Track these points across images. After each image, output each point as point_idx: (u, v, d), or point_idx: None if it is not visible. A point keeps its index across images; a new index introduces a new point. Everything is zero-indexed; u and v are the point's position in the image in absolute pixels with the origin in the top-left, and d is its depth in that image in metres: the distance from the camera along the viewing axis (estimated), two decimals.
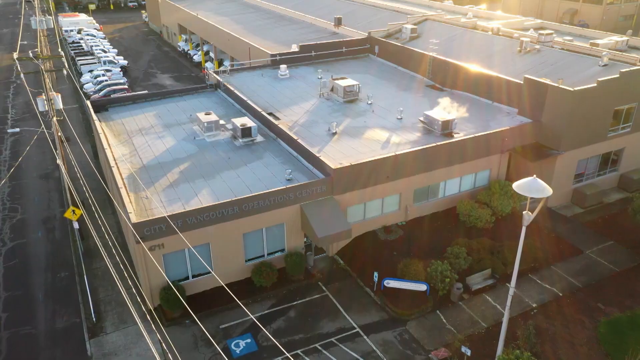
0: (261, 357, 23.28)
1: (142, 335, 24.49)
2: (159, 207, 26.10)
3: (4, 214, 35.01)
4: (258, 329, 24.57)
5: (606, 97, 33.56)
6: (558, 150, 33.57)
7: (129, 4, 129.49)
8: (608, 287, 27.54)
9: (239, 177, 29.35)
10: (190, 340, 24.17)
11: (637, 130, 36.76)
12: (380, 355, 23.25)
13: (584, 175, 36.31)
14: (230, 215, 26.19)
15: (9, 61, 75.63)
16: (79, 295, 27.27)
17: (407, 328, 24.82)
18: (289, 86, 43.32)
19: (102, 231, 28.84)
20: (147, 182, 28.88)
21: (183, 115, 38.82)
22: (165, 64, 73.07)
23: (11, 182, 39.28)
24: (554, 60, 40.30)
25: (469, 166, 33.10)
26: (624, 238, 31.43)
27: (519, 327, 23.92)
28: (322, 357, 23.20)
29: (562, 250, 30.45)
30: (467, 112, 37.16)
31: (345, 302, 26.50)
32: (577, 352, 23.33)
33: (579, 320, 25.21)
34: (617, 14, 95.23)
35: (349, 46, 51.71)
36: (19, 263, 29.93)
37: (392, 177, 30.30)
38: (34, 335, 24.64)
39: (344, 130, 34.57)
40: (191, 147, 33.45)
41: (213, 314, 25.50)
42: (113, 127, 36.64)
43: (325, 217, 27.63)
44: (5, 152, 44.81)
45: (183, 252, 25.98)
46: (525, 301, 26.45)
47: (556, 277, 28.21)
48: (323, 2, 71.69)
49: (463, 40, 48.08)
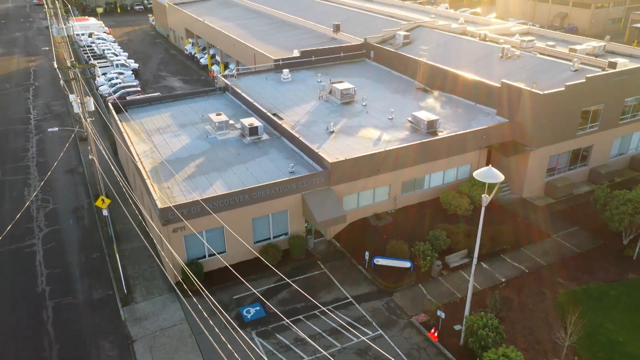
0: (268, 322, 27.47)
1: (167, 304, 28.75)
2: (179, 196, 30.30)
3: (37, 204, 39.24)
4: (266, 298, 28.78)
5: (574, 100, 37.69)
6: (531, 147, 37.72)
7: (135, 7, 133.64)
8: (569, 265, 31.69)
9: (248, 170, 33.55)
10: (209, 308, 28.34)
11: (604, 129, 40.89)
12: (370, 320, 27.44)
13: (556, 169, 40.45)
14: (241, 203, 30.38)
15: (25, 64, 79.79)
16: (110, 272, 31.48)
17: (392, 298, 29.02)
18: (291, 89, 47.48)
19: (126, 219, 33.01)
20: (167, 174, 33.08)
21: (195, 115, 43.01)
22: (174, 67, 77.25)
23: (41, 176, 43.51)
24: (532, 65, 44.41)
25: (451, 161, 37.26)
26: (587, 224, 35.56)
27: (487, 297, 28.10)
28: (320, 322, 27.39)
29: (532, 234, 34.61)
30: (452, 112, 41.35)
31: (341, 277, 30.69)
32: (536, 317, 27.50)
33: (540, 292, 29.38)
34: (605, 17, 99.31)
35: (347, 51, 55.84)
36: (56, 246, 34.15)
37: (382, 170, 34.48)
38: (75, 304, 28.88)
39: (341, 129, 38.74)
40: (204, 144, 37.65)
41: (227, 286, 29.66)
42: (133, 127, 40.84)
43: (324, 205, 31.82)
44: (32, 150, 49.01)
45: (201, 234, 30.17)
46: (495, 276, 30.63)
47: (524, 257, 32.38)
48: (322, 8, 75.84)
49: (452, 47, 52.16)
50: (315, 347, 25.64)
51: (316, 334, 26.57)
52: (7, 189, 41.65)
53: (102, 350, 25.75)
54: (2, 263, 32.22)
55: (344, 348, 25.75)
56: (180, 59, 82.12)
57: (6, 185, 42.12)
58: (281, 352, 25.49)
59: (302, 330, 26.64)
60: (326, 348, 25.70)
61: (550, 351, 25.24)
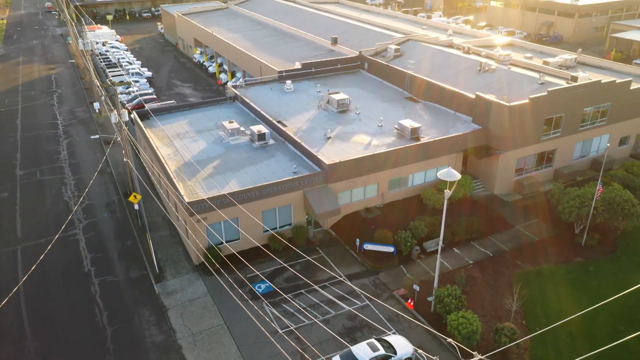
0: (276, 295, 33.57)
1: (192, 281, 34.89)
2: (201, 192, 36.43)
3: (75, 200, 45.41)
4: (274, 276, 34.93)
5: (537, 110, 43.77)
6: (500, 150, 43.84)
7: (143, 15, 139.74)
8: (527, 251, 37.78)
9: (257, 171, 39.69)
10: (226, 284, 34.44)
11: (566, 135, 46.96)
12: (359, 293, 33.57)
13: (524, 169, 46.55)
14: (252, 198, 36.48)
15: (46, 72, 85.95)
16: (143, 256, 37.63)
17: (378, 276, 35.14)
18: (294, 99, 53.59)
19: (152, 212, 39.09)
20: (189, 174, 39.22)
21: (210, 122, 49.13)
22: (184, 75, 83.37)
23: (75, 177, 49.66)
24: (505, 78, 50.52)
25: (431, 162, 43.35)
26: (547, 217, 41.64)
27: (456, 275, 34.21)
28: (318, 294, 33.51)
29: (499, 225, 40.72)
30: (434, 119, 47.49)
31: (336, 260, 36.79)
32: (495, 291, 33.61)
33: (501, 272, 35.49)
34: (588, 26, 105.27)
35: (343, 63, 61.97)
36: (95, 235, 40.31)
37: (372, 170, 40.60)
38: (116, 282, 35.04)
39: (337, 135, 44.86)
40: (219, 148, 43.78)
41: (241, 267, 35.71)
42: (157, 133, 46.98)
43: (322, 200, 37.96)
44: (64, 152, 55.15)
45: (220, 224, 36.28)
46: (464, 259, 36.75)
47: (490, 244, 38.50)
48: (322, 20, 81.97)
49: (437, 60, 58.23)
50: (314, 314, 31.76)
51: (315, 303, 32.69)
52: (46, 187, 47.82)
53: (143, 317, 31.92)
54: (53, 249, 38.34)
55: (337, 314, 31.88)
56: (190, 67, 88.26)
57: (45, 184, 48.29)
58: (286, 318, 31.61)
59: (303, 302, 32.78)
60: (323, 314, 31.83)
61: (503, 316, 31.35)
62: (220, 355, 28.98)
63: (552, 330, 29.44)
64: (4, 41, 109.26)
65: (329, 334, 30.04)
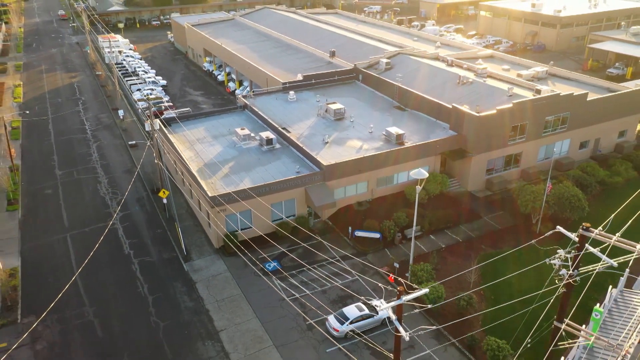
0: (283, 271, 41.23)
1: (214, 261, 42.60)
2: (220, 188, 44.10)
3: (109, 195, 53.13)
4: (281, 257, 42.60)
5: (504, 119, 51.42)
6: (472, 153, 51.50)
7: (152, 22, 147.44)
8: (491, 237, 45.45)
9: (267, 170, 47.39)
10: (242, 264, 42.09)
11: (531, 140, 54.61)
12: (350, 270, 41.23)
13: (494, 170, 54.22)
14: (263, 193, 44.14)
15: (68, 80, 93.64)
16: (172, 241, 45.33)
17: (366, 257, 42.85)
18: (296, 108, 61.28)
19: (176, 205, 46.71)
20: (209, 173, 46.90)
21: (224, 129, 56.80)
22: (195, 83, 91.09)
23: (107, 176, 57.38)
24: (480, 90, 58.19)
25: (413, 164, 50.95)
26: (510, 210, 49.27)
27: (429, 256, 41.89)
28: (317, 271, 41.19)
29: (469, 216, 48.40)
30: (417, 126, 55.18)
31: (332, 244, 44.46)
32: (461, 269, 41.20)
33: (467, 254, 43.15)
34: (570, 36, 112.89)
35: (340, 75, 69.66)
36: (130, 224, 48.02)
37: (362, 170, 48.27)
38: (153, 262, 42.76)
39: (333, 140, 52.54)
40: (233, 151, 51.46)
41: (254, 250, 43.37)
42: (179, 138, 54.68)
43: (320, 195, 45.63)
44: (95, 155, 62.87)
45: (236, 215, 43.96)
46: (438, 244, 44.45)
47: (461, 231, 46.19)
48: (321, 33, 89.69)
49: (423, 72, 65.90)
50: (314, 286, 39.46)
51: (314, 278, 40.41)
52: (83, 184, 55.54)
53: (177, 288, 39.64)
54: (96, 237, 46.01)
55: (333, 286, 39.58)
56: (200, 75, 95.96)
57: (82, 182, 56.01)
58: (292, 289, 39.31)
59: (304, 277, 40.48)
60: (321, 286, 39.54)
61: (466, 287, 39.02)
62: (240, 316, 36.71)
63: (504, 297, 37.09)
64: (25, 49, 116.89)
65: (325, 301, 37.76)
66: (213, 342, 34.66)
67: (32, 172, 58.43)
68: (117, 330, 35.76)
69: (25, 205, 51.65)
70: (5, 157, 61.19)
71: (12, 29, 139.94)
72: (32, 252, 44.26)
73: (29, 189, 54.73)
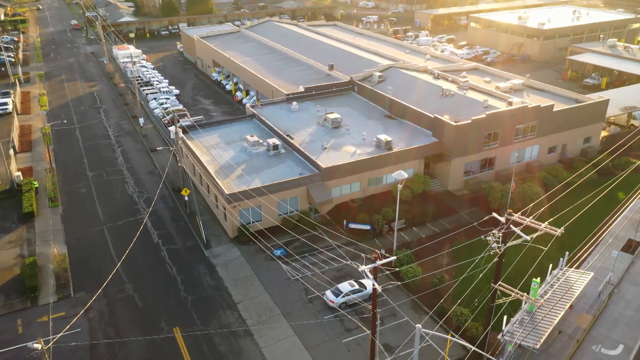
0: (288, 257, 49.17)
1: (230, 248, 50.60)
2: (235, 187, 52.09)
3: (137, 194, 61.16)
4: (286, 245, 50.55)
5: (479, 127, 59.42)
6: (451, 157, 59.50)
7: (161, 32, 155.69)
8: (465, 229, 53.37)
9: (274, 172, 55.40)
10: (253, 250, 50.03)
11: (503, 145, 62.57)
12: (344, 256, 49.20)
13: (471, 172, 62.21)
14: (271, 191, 52.11)
15: (88, 89, 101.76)
16: (194, 232, 53.32)
17: (358, 245, 50.83)
18: (298, 117, 69.33)
19: (194, 203, 54.72)
20: (225, 174, 54.91)
21: (235, 136, 64.83)
22: (205, 92, 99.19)
23: (132, 177, 65.42)
24: (460, 102, 66.22)
25: (400, 166, 58.93)
26: (483, 206, 57.24)
27: (411, 244, 49.82)
28: (317, 257, 49.11)
29: (448, 212, 56.37)
30: (404, 133, 63.21)
31: (329, 234, 52.45)
32: (427, 254, 49.14)
33: (443, 242, 51.08)
34: (553, 47, 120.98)
35: (338, 87, 77.73)
36: (156, 219, 56.04)
37: (356, 172, 56.28)
38: (178, 249, 50.78)
39: (331, 146, 60.55)
40: (244, 155, 59.47)
41: (264, 239, 51.31)
42: (197, 144, 62.71)
43: (320, 193, 53.63)
44: (120, 158, 70.91)
45: (248, 209, 51.91)
46: (419, 234, 52.43)
47: (439, 224, 54.15)
48: (321, 47, 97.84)
49: (411, 85, 73.97)
50: (314, 268, 47.45)
51: (314, 262, 48.37)
52: (113, 184, 63.59)
53: (200, 270, 47.62)
54: (128, 229, 53.99)
55: (329, 269, 47.53)
56: (209, 84, 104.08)
57: (112, 182, 64.06)
58: (295, 271, 47.26)
59: (306, 261, 48.46)
60: (320, 269, 47.51)
61: (440, 268, 46.95)
62: (253, 292, 44.72)
63: (470, 277, 45.03)
64: (44, 59, 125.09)
65: (323, 280, 45.74)
66: (232, 311, 42.65)
67: (66, 174, 66.49)
68: (154, 302, 43.76)
69: (64, 202, 59.68)
70: (43, 160, 69.23)
71: (29, 39, 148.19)
72: (75, 242, 52.26)
73: (65, 189, 62.78)
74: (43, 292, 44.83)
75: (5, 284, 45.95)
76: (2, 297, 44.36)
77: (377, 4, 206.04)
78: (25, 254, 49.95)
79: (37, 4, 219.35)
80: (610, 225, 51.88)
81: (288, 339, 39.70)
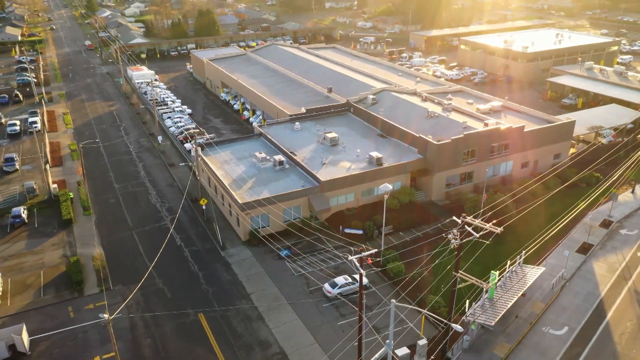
0: (293, 256, 57.75)
1: (243, 249, 59.30)
2: (247, 197, 60.86)
3: (159, 204, 69.94)
4: (291, 247, 59.20)
5: (458, 146, 68.35)
6: (434, 172, 68.35)
7: (171, 53, 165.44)
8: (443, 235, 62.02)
9: (280, 184, 64.25)
10: (263, 251, 58.64)
11: (480, 161, 71.44)
12: (340, 255, 57.79)
13: (452, 184, 71.03)
14: (277, 201, 60.87)
15: (107, 108, 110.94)
16: (211, 236, 62.03)
17: (352, 247, 59.49)
18: (301, 136, 78.31)
19: (210, 211, 63.48)
20: (237, 186, 63.74)
21: (245, 152, 73.73)
22: (215, 111, 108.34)
23: (154, 188, 74.25)
24: (443, 123, 75.25)
25: (390, 180, 67.72)
26: (461, 214, 65.80)
27: (397, 245, 58.45)
28: (318, 256, 57.72)
29: (430, 219, 65.07)
30: (393, 150, 72.15)
31: (327, 238, 61.08)
32: (418, 254, 57.79)
33: (430, 245, 59.68)
34: (536, 68, 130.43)
35: (336, 108, 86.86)
36: (178, 225, 64.78)
37: (350, 184, 65.09)
38: (198, 250, 59.45)
39: (329, 161, 69.44)
40: (254, 170, 68.34)
41: (271, 242, 59.89)
42: (212, 159, 71.62)
43: (319, 202, 62.42)
44: (142, 172, 79.78)
45: (258, 216, 60.61)
46: (405, 238, 61.07)
47: (421, 230, 62.80)
48: (320, 70, 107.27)
49: (401, 107, 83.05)
50: (315, 267, 56.05)
51: (315, 261, 56.99)
52: (138, 195, 72.40)
53: (217, 267, 56.24)
54: (154, 234, 62.67)
55: (328, 266, 56.12)
56: (218, 104, 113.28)
57: (136, 193, 72.89)
58: (300, 267, 55.84)
59: (308, 260, 57.07)
60: (319, 266, 56.11)
61: (416, 265, 55.54)
62: (263, 285, 53.31)
63: (442, 269, 53.65)
64: (63, 79, 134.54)
65: (323, 275, 54.35)
66: (246, 300, 51.23)
67: (95, 186, 75.33)
68: (181, 293, 52.34)
69: (96, 211, 68.46)
70: (75, 174, 78.13)
71: (47, 59, 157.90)
72: (109, 244, 60.93)
73: (96, 199, 71.59)
74: (87, 285, 53.42)
75: (55, 278, 54.57)
76: (53, 289, 52.95)
77: (374, 24, 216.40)
78: (68, 254, 58.61)
79: (50, 24, 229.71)
80: (570, 230, 60.92)
81: (293, 322, 48.23)
